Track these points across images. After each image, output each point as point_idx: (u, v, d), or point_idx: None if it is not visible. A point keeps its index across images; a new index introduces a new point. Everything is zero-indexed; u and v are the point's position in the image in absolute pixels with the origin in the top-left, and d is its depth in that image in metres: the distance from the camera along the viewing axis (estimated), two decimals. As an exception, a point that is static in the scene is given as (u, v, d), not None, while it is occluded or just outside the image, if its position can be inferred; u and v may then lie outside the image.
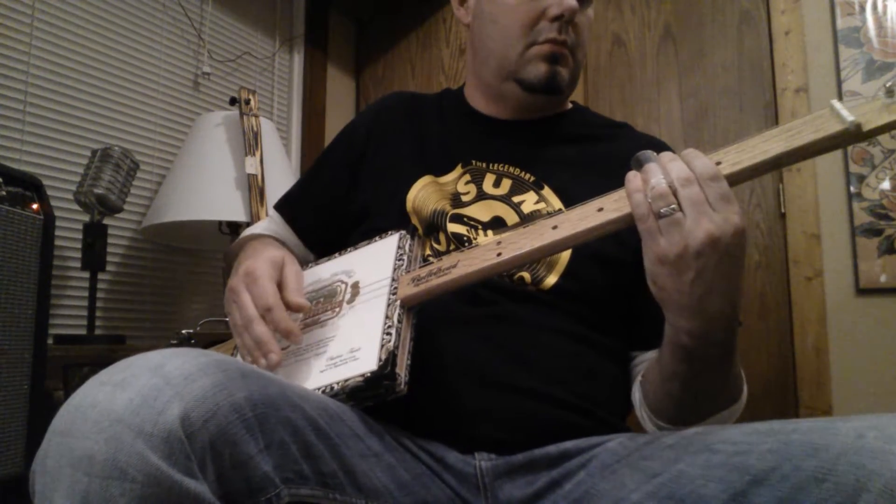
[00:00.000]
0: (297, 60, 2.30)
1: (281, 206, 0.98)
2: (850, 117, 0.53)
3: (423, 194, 0.82)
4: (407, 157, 0.87)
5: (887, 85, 0.53)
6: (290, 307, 0.67)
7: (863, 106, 0.54)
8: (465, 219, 0.79)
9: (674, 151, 0.91)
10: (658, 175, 0.54)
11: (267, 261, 0.70)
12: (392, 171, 0.86)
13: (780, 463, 0.49)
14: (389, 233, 0.78)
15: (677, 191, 0.53)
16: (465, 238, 0.78)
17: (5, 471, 1.01)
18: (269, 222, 0.98)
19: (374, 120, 0.93)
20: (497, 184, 0.83)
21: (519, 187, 0.82)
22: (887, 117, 0.52)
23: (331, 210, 0.91)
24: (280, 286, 0.69)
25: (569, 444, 0.67)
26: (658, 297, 0.58)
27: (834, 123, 0.53)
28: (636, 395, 0.75)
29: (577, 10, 0.80)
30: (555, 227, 0.61)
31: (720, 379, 0.64)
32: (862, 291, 1.65)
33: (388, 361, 0.60)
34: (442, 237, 0.79)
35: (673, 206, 0.53)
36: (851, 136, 0.53)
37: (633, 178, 0.56)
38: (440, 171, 0.85)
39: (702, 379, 0.62)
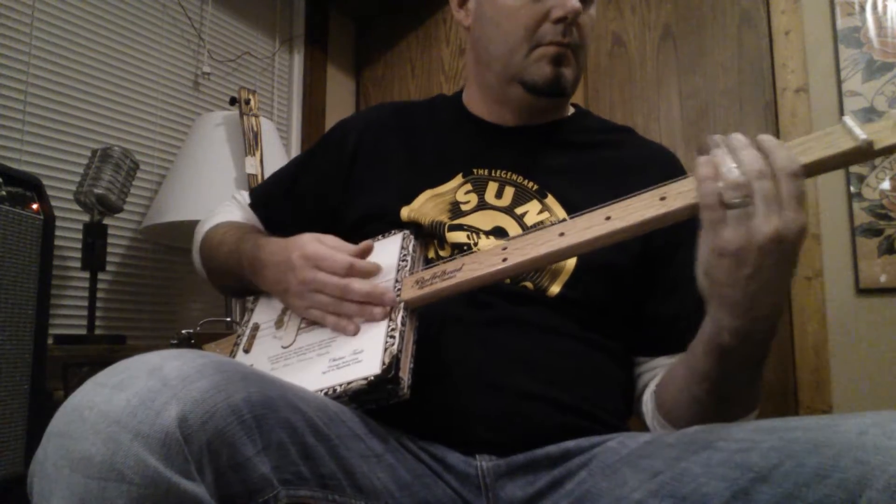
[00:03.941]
0: (297, 60, 2.30)
1: (257, 204, 0.96)
2: (862, 135, 0.52)
3: (417, 213, 0.80)
4: (401, 173, 0.85)
5: None
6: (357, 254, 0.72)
7: (875, 124, 0.53)
8: (465, 227, 0.78)
9: (676, 158, 0.91)
10: (729, 163, 0.53)
11: (312, 241, 0.73)
12: (385, 188, 0.84)
13: (783, 460, 0.48)
14: (392, 232, 0.78)
15: (751, 182, 0.51)
16: (465, 246, 0.77)
17: (5, 471, 1.00)
18: (242, 211, 0.97)
19: (362, 132, 0.90)
20: (500, 194, 0.81)
21: (522, 196, 0.81)
22: None
23: (312, 219, 0.89)
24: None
25: (570, 444, 0.67)
26: (707, 290, 0.56)
27: (846, 140, 0.53)
28: (648, 404, 0.75)
29: (581, 11, 0.79)
30: (561, 235, 0.61)
31: (748, 384, 0.63)
32: (862, 291, 1.65)
33: (392, 365, 0.59)
34: (446, 245, 0.78)
35: (746, 196, 0.51)
36: (863, 154, 0.53)
37: (704, 163, 0.54)
38: (438, 181, 0.83)
39: (731, 382, 0.62)
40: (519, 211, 0.80)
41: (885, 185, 1.64)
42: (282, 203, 0.94)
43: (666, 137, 1.93)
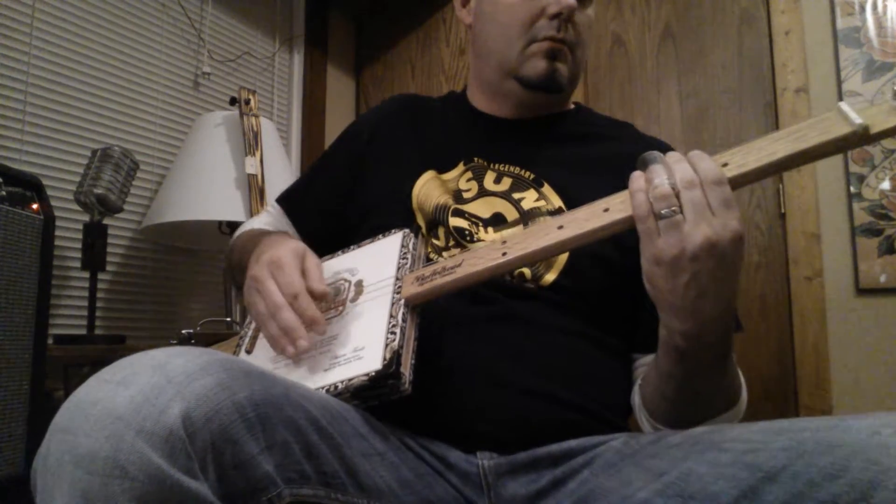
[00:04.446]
0: (297, 60, 2.30)
1: (283, 201, 0.99)
2: (857, 119, 0.52)
3: (426, 189, 0.82)
4: (411, 154, 0.88)
5: (895, 88, 0.52)
6: (313, 295, 0.68)
7: (870, 108, 0.53)
8: (467, 214, 0.80)
9: (676, 152, 0.91)
10: (662, 176, 0.55)
11: (290, 251, 0.71)
12: (395, 168, 0.87)
13: (793, 460, 0.48)
14: (392, 231, 0.78)
15: (680, 193, 0.53)
16: (467, 232, 0.78)
17: (5, 471, 1.00)
18: (268, 216, 0.99)
19: (377, 121, 0.94)
20: (497, 181, 0.83)
21: (519, 185, 0.82)
22: (894, 120, 0.52)
23: (333, 209, 0.92)
24: (303, 275, 0.69)
25: (572, 443, 0.67)
26: (652, 296, 0.58)
27: (842, 126, 0.53)
28: (635, 398, 0.75)
29: (576, 7, 0.81)
30: (560, 227, 0.61)
31: (715, 382, 0.64)
32: (862, 291, 1.65)
33: (393, 361, 0.60)
34: (441, 232, 0.79)
35: (674, 207, 0.53)
36: (859, 139, 0.52)
37: (636, 177, 0.57)
38: (443, 168, 0.86)
39: (696, 381, 0.63)
40: (516, 196, 0.81)
41: (885, 185, 1.64)
42: (305, 198, 0.97)
43: (666, 137, 1.91)
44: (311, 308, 0.66)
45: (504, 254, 0.62)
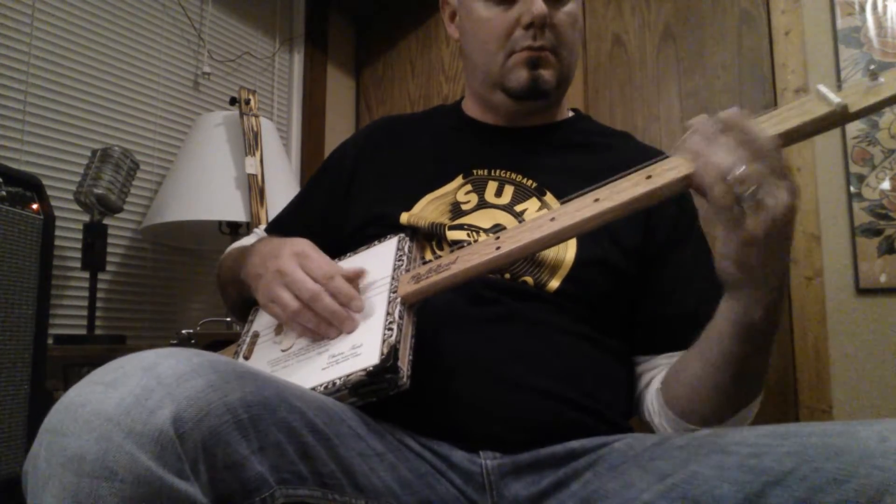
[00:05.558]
0: (297, 60, 2.30)
1: (271, 230, 0.98)
2: (836, 99, 0.53)
3: (417, 218, 0.81)
4: (400, 182, 0.87)
5: (871, 68, 0.54)
6: (348, 277, 0.69)
7: (848, 89, 0.55)
8: (466, 226, 0.79)
9: None
10: (722, 154, 0.53)
11: (309, 244, 0.72)
12: (385, 197, 0.86)
13: (799, 465, 0.48)
14: (388, 236, 0.78)
15: (751, 172, 0.52)
16: (466, 243, 0.77)
17: (6, 471, 1.00)
18: (256, 239, 0.98)
19: (361, 146, 0.94)
20: (499, 192, 0.82)
21: (521, 194, 0.82)
22: (872, 99, 0.53)
23: (320, 236, 0.90)
24: None
25: (574, 444, 0.67)
26: (735, 280, 0.58)
27: (821, 106, 0.54)
28: (654, 401, 0.75)
29: (547, 14, 0.80)
30: (552, 219, 0.61)
31: (765, 362, 0.65)
32: (862, 291, 1.65)
33: (391, 355, 0.60)
34: (445, 245, 0.79)
35: (752, 185, 0.52)
36: (838, 118, 0.54)
37: (703, 166, 0.54)
38: (438, 183, 0.85)
39: (754, 362, 0.63)
40: (518, 208, 0.80)
41: (885, 185, 1.64)
42: (292, 227, 0.96)
43: (666, 137, 1.93)
44: (347, 286, 0.67)
45: (498, 248, 0.63)
